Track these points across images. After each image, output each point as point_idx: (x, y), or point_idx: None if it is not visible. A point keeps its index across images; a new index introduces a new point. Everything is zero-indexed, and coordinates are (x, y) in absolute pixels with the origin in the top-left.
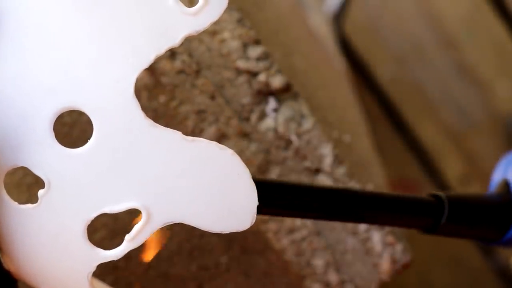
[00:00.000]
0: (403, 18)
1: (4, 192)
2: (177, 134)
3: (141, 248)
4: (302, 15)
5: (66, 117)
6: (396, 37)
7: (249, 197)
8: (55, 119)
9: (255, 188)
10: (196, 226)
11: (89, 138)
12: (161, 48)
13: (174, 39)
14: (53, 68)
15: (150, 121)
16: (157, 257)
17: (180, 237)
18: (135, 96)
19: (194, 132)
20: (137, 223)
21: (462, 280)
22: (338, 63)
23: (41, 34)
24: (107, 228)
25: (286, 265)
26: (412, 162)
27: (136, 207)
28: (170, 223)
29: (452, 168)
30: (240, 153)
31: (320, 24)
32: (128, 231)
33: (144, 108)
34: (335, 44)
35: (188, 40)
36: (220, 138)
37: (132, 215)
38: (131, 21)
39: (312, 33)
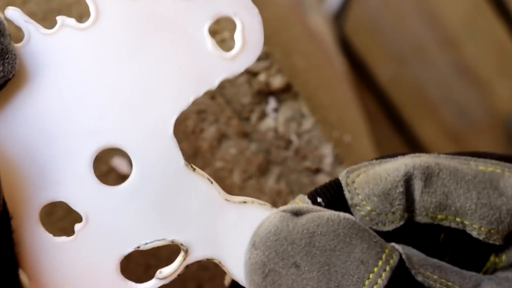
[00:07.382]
0: (403, 18)
1: (40, 224)
2: (216, 192)
3: (143, 252)
4: (302, 15)
5: None
6: (396, 37)
7: None
8: (95, 156)
9: None
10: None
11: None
12: (200, 91)
13: (212, 83)
14: (94, 110)
15: (189, 166)
16: (157, 256)
17: None
18: (174, 138)
19: (195, 132)
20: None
21: None
22: (338, 63)
23: (84, 78)
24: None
25: None
26: None
27: (174, 242)
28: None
29: None
30: (240, 153)
31: (320, 24)
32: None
33: None
34: (335, 44)
35: None
36: (220, 138)
37: None
38: (172, 66)
39: (312, 33)
